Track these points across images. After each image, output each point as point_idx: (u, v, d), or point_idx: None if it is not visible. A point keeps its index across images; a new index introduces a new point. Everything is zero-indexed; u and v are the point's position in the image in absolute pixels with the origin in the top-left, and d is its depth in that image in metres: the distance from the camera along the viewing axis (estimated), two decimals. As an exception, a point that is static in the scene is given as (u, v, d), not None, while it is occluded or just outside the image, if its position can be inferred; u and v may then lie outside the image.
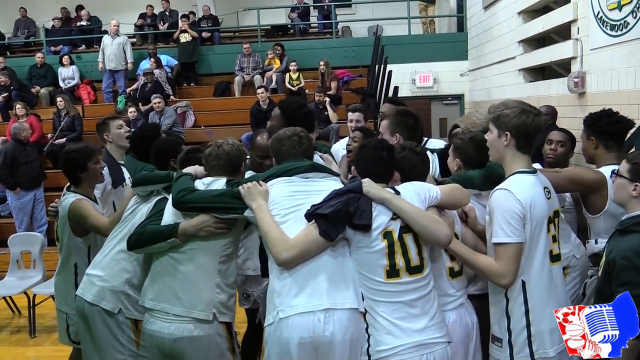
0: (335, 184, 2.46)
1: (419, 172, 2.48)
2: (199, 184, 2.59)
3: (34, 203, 7.29)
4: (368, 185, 2.27)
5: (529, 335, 2.20)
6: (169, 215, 2.58)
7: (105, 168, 3.52)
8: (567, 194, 3.23)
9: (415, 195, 2.32)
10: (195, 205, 2.47)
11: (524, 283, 2.22)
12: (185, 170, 2.71)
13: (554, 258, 2.31)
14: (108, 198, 3.62)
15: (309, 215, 2.27)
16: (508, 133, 2.26)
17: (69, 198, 3.18)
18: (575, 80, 5.93)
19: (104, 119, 3.96)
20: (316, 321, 2.17)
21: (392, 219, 2.24)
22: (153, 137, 3.28)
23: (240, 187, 2.42)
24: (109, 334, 2.82)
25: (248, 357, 3.27)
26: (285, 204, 2.36)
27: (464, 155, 2.73)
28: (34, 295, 5.22)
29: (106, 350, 2.85)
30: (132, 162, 3.30)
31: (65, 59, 10.44)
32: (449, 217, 2.41)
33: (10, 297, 5.59)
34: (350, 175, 2.78)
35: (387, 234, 2.23)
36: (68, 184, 3.30)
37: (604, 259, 2.28)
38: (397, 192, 2.31)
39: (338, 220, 2.21)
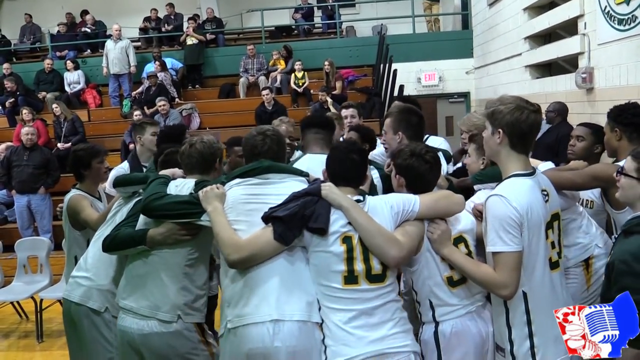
0: (296, 185, 2.34)
1: (424, 181, 2.35)
2: (171, 186, 2.59)
3: (33, 208, 7.23)
4: (328, 189, 2.18)
5: (532, 346, 2.11)
6: (142, 218, 2.61)
7: (122, 169, 3.74)
8: (596, 197, 3.15)
9: (386, 207, 2.21)
10: (159, 213, 2.49)
11: (525, 293, 2.11)
12: (162, 172, 2.74)
13: (553, 265, 2.19)
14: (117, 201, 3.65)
15: (266, 218, 2.20)
16: (501, 130, 2.13)
17: (71, 194, 3.36)
18: (583, 75, 5.86)
19: (142, 121, 4.18)
20: (265, 331, 2.11)
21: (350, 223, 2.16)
22: (178, 137, 3.30)
23: (199, 192, 2.40)
24: (96, 333, 2.87)
25: None
26: (240, 208, 2.30)
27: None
28: (41, 300, 5.22)
29: (94, 349, 2.89)
30: (154, 165, 3.34)
31: (69, 64, 10.49)
32: (442, 227, 2.25)
33: (17, 302, 5.59)
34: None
35: (346, 239, 2.14)
36: (75, 183, 3.46)
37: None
38: (363, 200, 2.21)
39: (294, 223, 2.14)
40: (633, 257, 1.93)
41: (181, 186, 2.58)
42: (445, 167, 3.18)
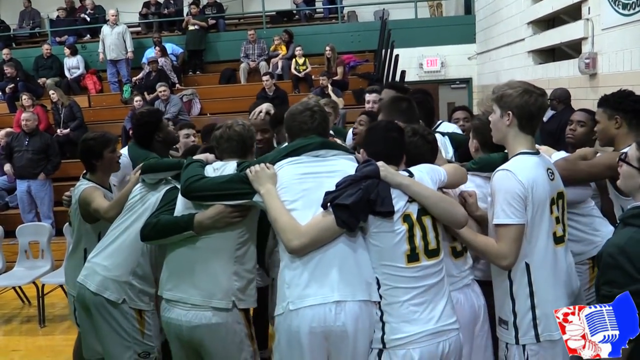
0: (348, 163, 2.36)
1: (425, 161, 2.39)
2: (209, 170, 2.51)
3: (33, 194, 7.22)
4: (385, 170, 2.19)
5: (534, 318, 2.18)
6: (181, 205, 2.52)
7: (125, 157, 3.57)
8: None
9: (428, 177, 2.27)
10: (203, 194, 2.39)
11: (527, 265, 2.20)
12: (195, 157, 2.65)
13: (558, 240, 2.27)
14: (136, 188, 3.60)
15: (325, 205, 2.18)
16: (510, 112, 2.23)
17: (82, 185, 3.19)
18: (587, 61, 5.82)
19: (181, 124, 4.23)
20: (327, 311, 2.12)
21: (409, 201, 2.18)
22: (155, 123, 3.25)
23: (247, 171, 2.33)
24: (114, 324, 2.81)
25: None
26: (294, 188, 2.27)
27: (481, 136, 2.69)
28: (43, 285, 5.24)
29: (111, 339, 2.84)
30: (135, 150, 3.27)
31: (67, 50, 10.42)
32: (451, 194, 2.38)
33: (19, 287, 5.62)
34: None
35: (406, 217, 2.17)
36: (84, 171, 3.30)
37: None
38: (411, 175, 2.25)
39: (360, 209, 2.13)
40: (619, 250, 1.90)
41: (221, 169, 2.49)
42: (451, 152, 3.18)
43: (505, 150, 2.53)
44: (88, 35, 11.71)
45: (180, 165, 2.62)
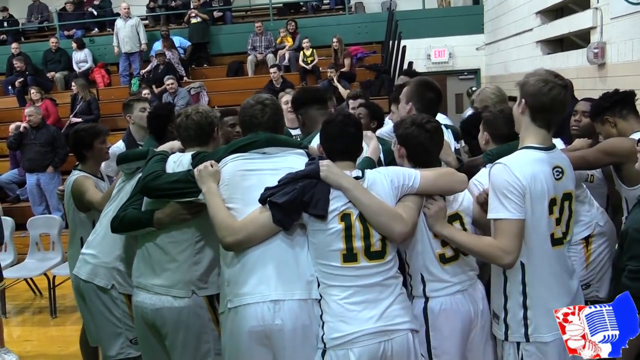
0: (296, 160, 2.30)
1: (426, 151, 2.29)
2: (170, 162, 2.55)
3: (42, 187, 7.30)
4: (327, 170, 2.11)
5: (525, 317, 2.12)
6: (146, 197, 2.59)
7: (118, 149, 3.67)
8: (596, 171, 3.15)
9: (387, 181, 2.17)
10: (157, 193, 2.46)
11: (522, 265, 2.11)
12: (161, 147, 2.69)
13: (556, 242, 2.15)
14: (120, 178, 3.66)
15: (262, 201, 2.16)
16: (524, 100, 2.13)
17: (74, 176, 3.33)
18: (595, 51, 5.78)
19: (129, 99, 4.14)
20: (265, 310, 2.10)
21: (350, 201, 2.12)
22: (166, 115, 3.30)
23: (194, 170, 2.35)
24: (104, 309, 2.92)
25: None
26: (236, 185, 2.25)
27: (492, 128, 2.60)
28: (54, 277, 5.31)
29: (102, 324, 2.95)
30: (149, 142, 3.33)
31: (74, 43, 10.46)
32: (439, 203, 2.21)
33: (31, 279, 5.70)
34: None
35: (344, 217, 2.10)
36: (76, 163, 3.44)
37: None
38: (362, 176, 2.16)
39: (292, 209, 2.10)
40: None
41: (178, 162, 2.53)
42: (454, 145, 3.16)
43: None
44: (96, 29, 11.76)
45: (147, 155, 2.68)
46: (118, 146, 3.89)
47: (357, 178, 2.16)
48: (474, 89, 8.29)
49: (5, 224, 4.83)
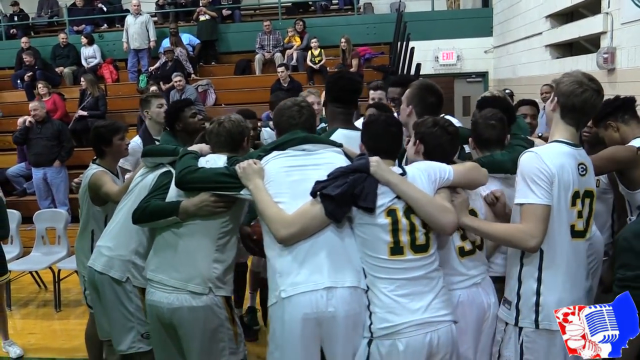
0: (335, 156, 2.41)
1: (444, 152, 2.39)
2: (202, 162, 2.60)
3: (49, 181, 7.31)
4: (376, 166, 2.21)
5: (537, 304, 2.19)
6: (174, 192, 2.60)
7: (136, 144, 3.77)
8: (603, 176, 3.17)
9: (424, 176, 2.25)
10: (196, 185, 2.48)
11: (541, 251, 2.19)
12: (190, 148, 2.74)
13: (576, 234, 2.24)
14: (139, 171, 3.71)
15: (314, 193, 2.23)
16: (557, 98, 2.24)
17: (92, 170, 3.36)
18: (605, 56, 5.76)
19: (147, 95, 4.24)
20: (319, 298, 2.16)
21: (397, 197, 2.19)
22: (173, 113, 3.38)
23: (236, 167, 2.40)
24: (117, 302, 2.93)
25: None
26: (281, 181, 2.33)
27: (474, 133, 2.68)
28: (59, 270, 5.33)
29: (115, 317, 2.96)
30: (166, 137, 3.40)
31: (84, 39, 10.51)
32: (462, 196, 2.33)
33: (36, 272, 5.73)
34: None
35: (390, 212, 2.18)
36: (94, 157, 3.48)
37: None
38: (404, 173, 2.24)
39: (344, 201, 2.17)
40: (634, 234, 1.95)
41: (212, 162, 2.58)
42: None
43: (507, 150, 2.60)
44: (105, 25, 11.81)
45: (176, 153, 2.74)
46: (136, 141, 3.94)
47: (400, 174, 2.25)
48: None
49: (11, 217, 4.87)
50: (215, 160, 2.58)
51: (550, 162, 2.16)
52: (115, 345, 3.02)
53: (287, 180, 2.33)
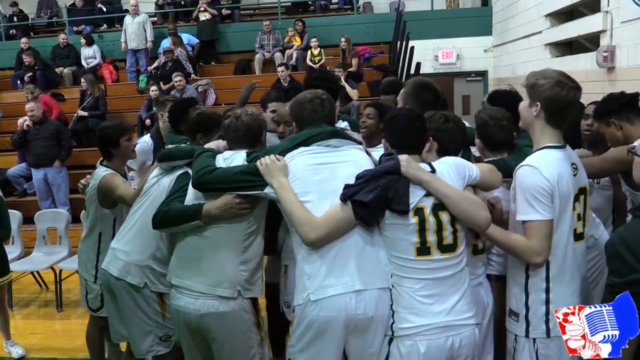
0: (359, 154, 2.35)
1: (456, 147, 2.37)
2: (219, 159, 2.50)
3: (49, 182, 7.29)
4: (407, 165, 2.14)
5: (547, 312, 2.18)
6: (192, 194, 2.51)
7: (143, 143, 3.74)
8: None
9: (454, 172, 2.20)
10: (215, 186, 2.39)
11: (547, 261, 2.17)
12: (207, 146, 2.64)
13: (578, 237, 2.24)
14: (147, 172, 3.68)
15: (345, 199, 2.16)
16: (539, 104, 2.16)
17: (102, 172, 3.30)
18: (604, 54, 5.76)
19: (164, 98, 4.24)
20: (348, 300, 2.13)
21: (425, 195, 2.14)
22: (176, 113, 3.32)
23: (257, 163, 2.31)
24: (135, 307, 2.88)
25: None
26: (308, 179, 2.25)
27: (482, 134, 2.63)
28: (60, 271, 5.34)
29: (133, 322, 2.92)
30: (172, 138, 3.34)
31: (83, 39, 10.50)
32: (481, 195, 2.29)
33: (37, 272, 5.73)
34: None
35: (418, 211, 2.13)
36: (101, 159, 3.43)
37: None
38: (434, 169, 2.19)
39: (377, 206, 2.12)
40: (621, 240, 1.93)
41: (230, 159, 2.48)
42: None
43: (516, 153, 2.55)
44: (105, 25, 11.81)
45: (193, 154, 2.62)
46: (145, 141, 3.92)
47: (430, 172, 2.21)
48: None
49: (13, 218, 4.86)
50: (235, 157, 2.48)
51: (548, 174, 2.12)
52: (134, 349, 2.99)
53: (315, 178, 2.25)
